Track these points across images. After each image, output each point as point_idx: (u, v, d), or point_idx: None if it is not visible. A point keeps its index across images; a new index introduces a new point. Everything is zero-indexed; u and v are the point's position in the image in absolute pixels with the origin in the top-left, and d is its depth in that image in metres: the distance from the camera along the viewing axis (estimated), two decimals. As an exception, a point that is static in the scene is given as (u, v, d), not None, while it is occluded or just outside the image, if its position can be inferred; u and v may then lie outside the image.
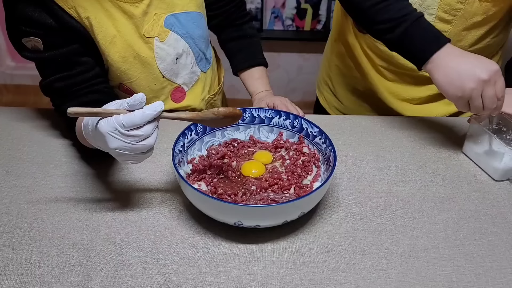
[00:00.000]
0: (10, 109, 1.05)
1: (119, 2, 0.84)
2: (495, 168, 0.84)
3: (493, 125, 0.89)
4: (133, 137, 0.62)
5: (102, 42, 0.85)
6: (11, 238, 0.73)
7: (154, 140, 0.64)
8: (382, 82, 1.11)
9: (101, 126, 0.62)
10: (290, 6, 2.39)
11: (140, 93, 0.63)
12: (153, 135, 0.64)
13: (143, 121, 0.62)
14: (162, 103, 0.64)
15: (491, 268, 0.69)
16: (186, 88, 1.02)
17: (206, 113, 0.69)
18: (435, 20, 0.95)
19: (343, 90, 1.19)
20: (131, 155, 0.64)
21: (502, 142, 0.82)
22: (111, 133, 0.61)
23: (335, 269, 0.68)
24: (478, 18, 0.94)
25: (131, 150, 0.63)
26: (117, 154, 0.64)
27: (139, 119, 0.61)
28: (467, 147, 0.91)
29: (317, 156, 0.84)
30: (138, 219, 0.76)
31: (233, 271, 0.68)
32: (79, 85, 0.84)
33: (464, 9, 0.92)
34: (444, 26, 0.96)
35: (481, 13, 0.93)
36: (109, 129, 0.61)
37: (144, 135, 0.62)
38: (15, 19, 0.79)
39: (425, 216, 0.78)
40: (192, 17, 0.96)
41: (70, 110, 0.61)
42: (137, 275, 0.67)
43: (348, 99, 1.19)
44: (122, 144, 0.62)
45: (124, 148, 0.62)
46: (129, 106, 0.62)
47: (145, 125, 0.62)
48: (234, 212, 0.68)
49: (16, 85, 2.70)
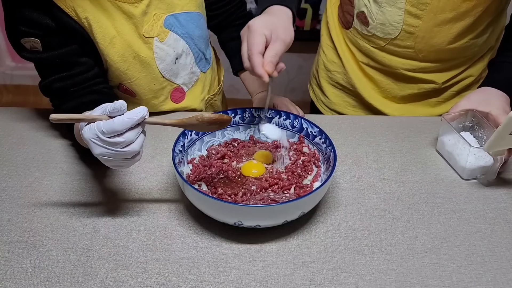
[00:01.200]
0: (10, 109, 1.04)
1: (118, 2, 0.84)
2: (462, 167, 0.85)
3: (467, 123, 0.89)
4: (115, 144, 0.61)
5: (102, 42, 0.85)
6: (11, 239, 0.73)
7: (138, 145, 0.63)
8: (362, 78, 1.12)
9: (84, 132, 0.62)
10: (290, 6, 2.39)
11: (120, 101, 0.61)
12: (137, 141, 0.63)
13: (124, 128, 0.60)
14: (145, 108, 0.62)
15: (492, 267, 0.69)
16: (186, 88, 1.02)
17: (190, 119, 0.68)
18: (404, 14, 0.95)
19: (327, 85, 1.20)
20: (116, 160, 0.63)
21: (466, 141, 0.82)
22: (93, 140, 0.61)
23: (335, 269, 0.68)
24: (448, 15, 0.93)
25: (114, 156, 0.62)
26: (102, 160, 0.64)
27: (119, 126, 0.60)
28: (439, 145, 0.92)
29: (317, 156, 0.84)
30: (138, 219, 0.76)
31: (233, 271, 0.68)
32: (78, 85, 0.84)
33: (431, 4, 0.92)
34: (414, 21, 0.95)
35: (450, 9, 0.92)
36: (91, 135, 0.61)
37: (126, 141, 0.61)
38: (14, 19, 0.79)
39: (425, 216, 0.78)
40: (192, 17, 0.96)
41: (53, 116, 0.60)
42: (137, 275, 0.67)
43: (332, 93, 1.19)
44: (104, 150, 0.61)
45: (107, 154, 0.62)
46: (110, 113, 0.61)
47: (127, 132, 0.61)
48: (234, 212, 0.68)
49: (16, 85, 2.70)
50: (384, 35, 1.00)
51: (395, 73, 1.06)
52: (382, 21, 0.99)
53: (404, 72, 1.04)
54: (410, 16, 0.95)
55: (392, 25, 0.98)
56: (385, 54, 1.04)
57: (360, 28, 1.04)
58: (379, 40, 1.02)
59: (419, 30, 0.96)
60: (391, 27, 0.98)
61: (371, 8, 0.99)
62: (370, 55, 1.06)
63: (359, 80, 1.12)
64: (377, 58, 1.05)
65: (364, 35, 1.04)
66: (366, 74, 1.11)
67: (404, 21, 0.96)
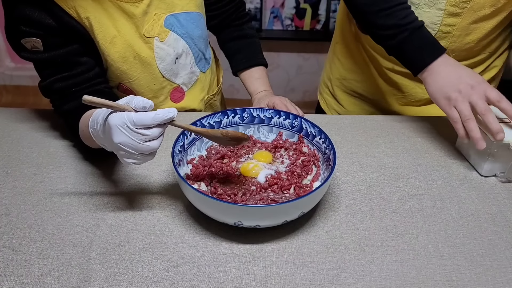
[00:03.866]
0: (10, 110, 1.04)
1: (119, 2, 0.84)
2: (481, 164, 0.85)
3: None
4: (140, 136, 0.62)
5: (102, 42, 0.85)
6: (11, 239, 0.73)
7: (159, 143, 0.65)
8: (384, 85, 1.11)
9: (111, 119, 0.63)
10: (289, 6, 2.40)
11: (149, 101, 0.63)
12: (159, 139, 0.65)
13: (153, 123, 0.62)
14: (175, 110, 0.64)
15: (491, 267, 0.69)
16: (185, 88, 1.02)
17: (215, 131, 0.73)
18: (443, 14, 0.95)
19: (342, 93, 1.19)
20: (133, 154, 0.64)
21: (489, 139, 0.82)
22: (120, 127, 0.62)
23: (335, 269, 0.68)
24: (487, 11, 0.93)
25: (135, 149, 0.63)
26: (119, 149, 0.64)
27: (150, 120, 0.62)
28: (459, 142, 0.92)
29: (317, 155, 0.84)
30: (138, 219, 0.76)
31: (233, 271, 0.68)
32: (79, 85, 0.84)
33: (473, 1, 0.92)
34: (453, 20, 0.95)
35: (490, 5, 0.92)
36: (119, 122, 0.62)
37: (151, 136, 0.63)
38: (15, 19, 0.79)
39: (425, 215, 0.78)
40: (192, 17, 0.96)
41: (85, 98, 0.61)
42: (137, 275, 0.67)
43: (348, 102, 1.19)
44: (128, 140, 0.62)
45: (128, 144, 0.63)
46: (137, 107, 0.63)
47: (154, 127, 0.63)
48: (234, 212, 0.68)
49: (16, 85, 2.70)
50: None
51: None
52: None
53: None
54: (449, 15, 0.95)
55: (428, 27, 0.96)
56: None
57: None
58: None
59: (456, 29, 0.96)
60: (428, 29, 0.95)
61: None
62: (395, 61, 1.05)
63: (380, 88, 1.11)
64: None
65: None
66: (389, 81, 1.10)
67: (442, 22, 0.95)
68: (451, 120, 0.84)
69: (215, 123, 0.87)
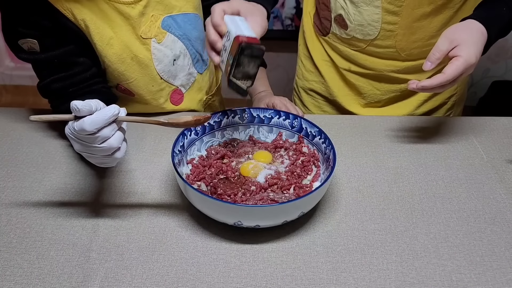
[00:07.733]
0: (9, 110, 1.04)
1: (115, 3, 0.84)
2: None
3: None
4: (92, 138, 0.61)
5: (99, 43, 0.85)
6: (11, 239, 0.73)
7: (116, 141, 0.63)
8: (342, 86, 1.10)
9: (65, 129, 0.64)
10: (289, 6, 2.40)
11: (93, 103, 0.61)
12: (115, 137, 0.63)
13: (93, 128, 0.60)
14: (116, 107, 0.63)
15: (491, 267, 0.69)
16: (184, 89, 1.02)
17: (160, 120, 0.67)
18: (382, 12, 0.94)
19: (306, 95, 1.19)
20: (97, 157, 0.64)
21: None
22: (70, 136, 0.63)
23: (335, 269, 0.68)
24: (426, 9, 0.92)
25: (93, 152, 0.64)
26: (84, 155, 0.65)
27: (89, 126, 0.60)
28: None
29: (317, 156, 0.84)
30: (137, 219, 0.76)
31: (233, 271, 0.68)
32: (76, 85, 0.84)
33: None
34: (393, 19, 0.95)
35: (428, 3, 0.92)
36: (67, 132, 0.63)
37: (101, 137, 0.61)
38: (12, 20, 0.79)
39: (425, 215, 0.78)
40: (189, 19, 0.96)
41: (32, 117, 0.62)
42: (137, 275, 0.67)
43: (310, 104, 1.18)
44: (82, 146, 0.63)
45: (85, 150, 0.64)
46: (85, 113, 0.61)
47: (103, 128, 0.61)
48: (233, 212, 0.68)
49: (15, 85, 2.70)
50: (363, 37, 0.99)
51: (378, 76, 1.05)
52: (360, 21, 0.98)
53: (387, 74, 1.03)
54: (388, 13, 0.94)
55: (370, 25, 0.97)
56: (366, 57, 1.03)
57: (339, 32, 1.03)
58: (359, 42, 1.01)
59: (399, 28, 0.95)
60: (370, 27, 0.97)
61: (348, 10, 0.98)
62: (352, 59, 1.05)
63: (339, 89, 1.11)
64: (359, 61, 1.04)
65: (343, 39, 1.03)
66: (346, 81, 1.10)
67: (383, 19, 0.95)
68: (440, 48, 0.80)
69: (215, 123, 0.87)
